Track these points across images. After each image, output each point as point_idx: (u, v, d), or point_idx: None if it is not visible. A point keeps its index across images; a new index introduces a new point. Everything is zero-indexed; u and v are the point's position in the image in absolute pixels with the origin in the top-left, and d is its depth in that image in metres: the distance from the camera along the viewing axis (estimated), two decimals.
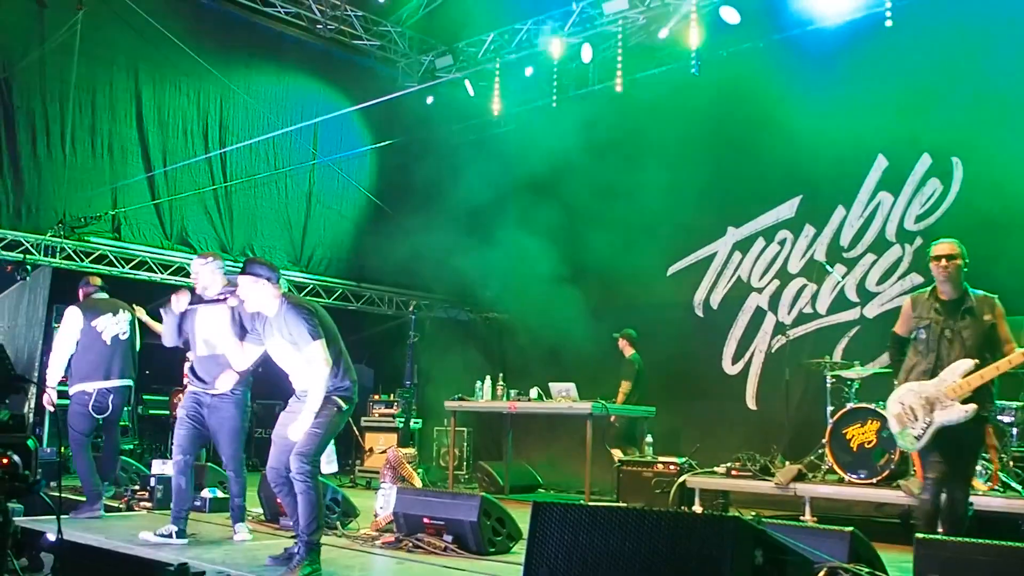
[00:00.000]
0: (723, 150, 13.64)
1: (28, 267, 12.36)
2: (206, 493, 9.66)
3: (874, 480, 9.22)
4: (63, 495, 9.09)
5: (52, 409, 9.53)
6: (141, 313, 9.81)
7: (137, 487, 10.23)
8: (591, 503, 9.38)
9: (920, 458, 7.00)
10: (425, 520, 7.78)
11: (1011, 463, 8.79)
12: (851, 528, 5.70)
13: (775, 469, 10.12)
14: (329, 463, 7.50)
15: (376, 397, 14.70)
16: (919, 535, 5.61)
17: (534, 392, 12.58)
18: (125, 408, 10.36)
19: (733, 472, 10.26)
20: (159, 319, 8.44)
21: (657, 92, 14.55)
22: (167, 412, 14.10)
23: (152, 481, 9.86)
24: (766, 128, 13.09)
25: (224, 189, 14.86)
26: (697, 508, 10.08)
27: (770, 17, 13.30)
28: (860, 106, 12.29)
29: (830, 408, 10.21)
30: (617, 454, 11.99)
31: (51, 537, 5.20)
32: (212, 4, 14.91)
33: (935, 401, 6.53)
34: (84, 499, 9.13)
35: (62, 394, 9.71)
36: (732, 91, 13.52)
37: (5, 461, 3.87)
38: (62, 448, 11.57)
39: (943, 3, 12.00)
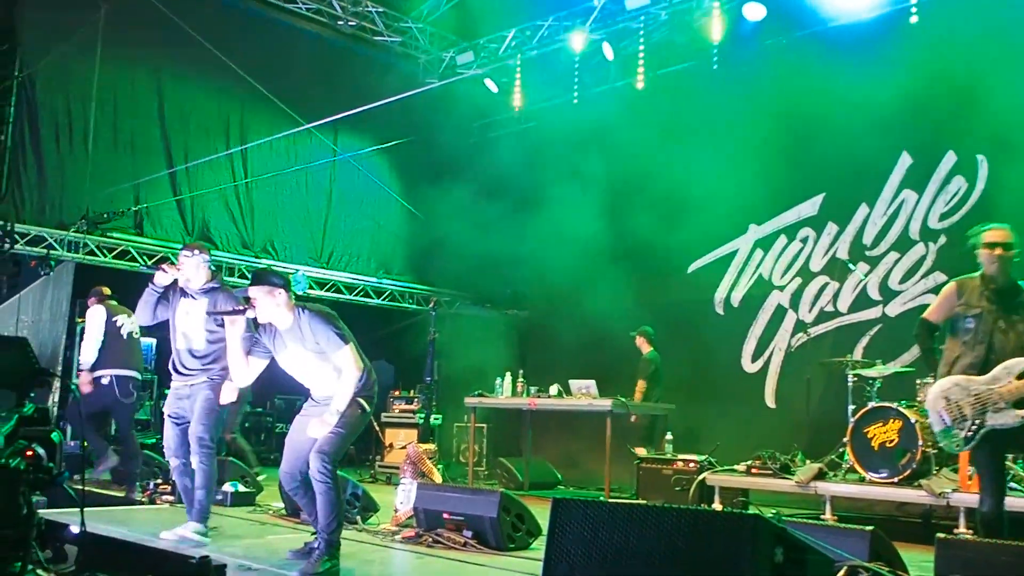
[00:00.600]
0: (746, 147, 13.56)
1: (52, 262, 12.45)
2: (227, 487, 9.69)
3: (895, 479, 9.16)
4: (87, 488, 9.19)
5: (89, 389, 9.88)
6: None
7: (159, 481, 10.28)
8: (611, 500, 9.38)
9: (976, 466, 6.68)
10: (445, 515, 7.80)
11: None
12: (872, 527, 5.68)
13: (795, 468, 10.08)
14: None
15: (396, 393, 14.70)
16: (940, 535, 5.57)
17: (554, 389, 12.59)
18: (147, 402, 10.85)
19: (753, 470, 10.22)
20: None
21: (678, 89, 14.53)
22: None
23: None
24: (789, 125, 13.04)
25: (245, 186, 14.88)
26: (717, 506, 10.05)
27: (793, 13, 13.25)
28: (884, 103, 12.19)
29: (851, 407, 10.15)
30: (642, 452, 12.00)
31: (75, 529, 5.22)
32: (234, 1, 14.93)
33: (987, 402, 6.09)
34: (111, 492, 9.31)
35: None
36: (755, 88, 13.51)
37: (29, 453, 3.88)
38: (84, 443, 11.75)
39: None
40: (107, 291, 10.49)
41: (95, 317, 10.04)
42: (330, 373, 6.54)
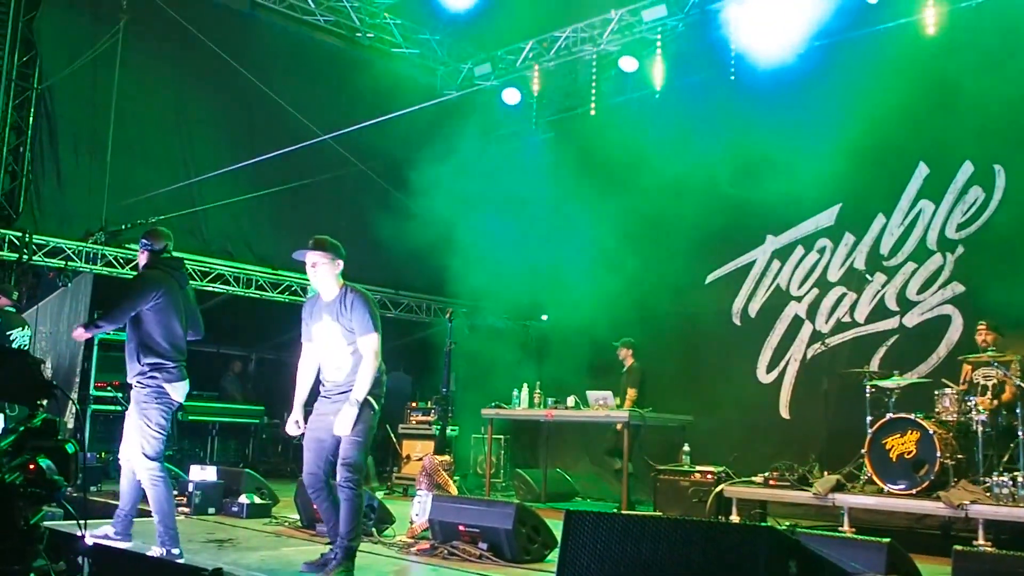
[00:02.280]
0: (762, 157, 13.51)
1: (70, 274, 12.48)
2: (243, 499, 9.70)
3: (914, 491, 9.11)
4: (91, 498, 9.22)
5: None
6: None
7: (175, 492, 10.29)
8: (624, 512, 9.35)
9: None
10: (460, 527, 7.79)
11: None
12: (888, 539, 5.65)
13: (813, 479, 10.03)
14: None
15: (414, 404, 14.67)
16: (957, 547, 5.54)
17: (571, 400, 12.55)
18: None
19: (771, 482, 10.18)
20: None
21: (695, 99, 14.51)
22: (207, 418, 14.74)
23: (190, 487, 9.93)
24: (806, 135, 12.99)
25: (262, 197, 14.86)
26: (735, 518, 10.02)
27: (811, 24, 13.22)
28: (901, 113, 12.17)
29: (869, 418, 10.09)
30: (617, 464, 11.94)
31: (89, 541, 5.24)
32: (253, 13, 14.98)
33: None
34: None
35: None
36: (772, 97, 13.46)
37: (32, 467, 3.86)
38: (101, 454, 11.84)
39: (983, 10, 11.90)
40: (14, 295, 10.48)
41: None
42: (348, 357, 6.65)
